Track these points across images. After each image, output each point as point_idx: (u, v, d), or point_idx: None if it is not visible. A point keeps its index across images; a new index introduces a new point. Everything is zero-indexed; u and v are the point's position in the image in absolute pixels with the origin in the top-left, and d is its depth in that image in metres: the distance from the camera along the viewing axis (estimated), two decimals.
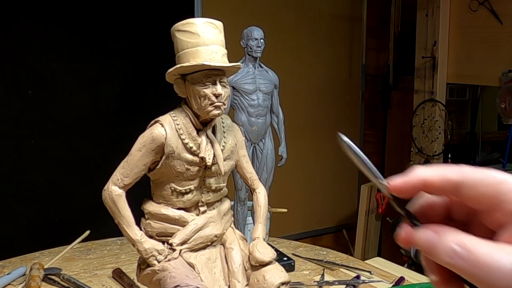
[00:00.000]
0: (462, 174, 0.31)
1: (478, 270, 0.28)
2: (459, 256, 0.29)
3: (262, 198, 0.87)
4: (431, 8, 2.14)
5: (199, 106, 0.76)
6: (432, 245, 0.30)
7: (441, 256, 0.29)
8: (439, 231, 0.30)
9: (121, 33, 1.84)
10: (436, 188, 0.31)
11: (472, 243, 0.29)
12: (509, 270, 0.27)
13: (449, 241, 0.29)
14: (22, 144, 1.70)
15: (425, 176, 0.31)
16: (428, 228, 0.31)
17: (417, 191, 0.32)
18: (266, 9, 2.31)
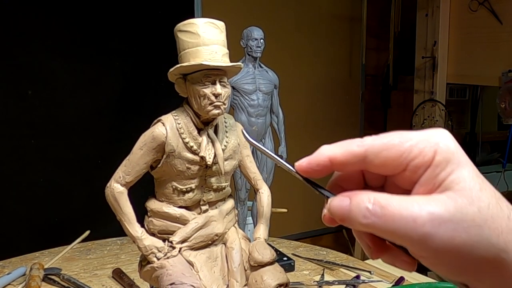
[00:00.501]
0: (364, 144, 0.31)
1: (394, 225, 0.28)
2: (374, 214, 0.29)
3: (265, 198, 0.87)
4: (431, 8, 2.14)
5: (199, 105, 0.76)
6: (346, 210, 0.30)
7: (356, 218, 0.29)
8: (351, 195, 0.30)
9: (121, 33, 1.84)
10: (343, 164, 0.32)
11: (385, 199, 0.29)
12: (425, 219, 0.27)
13: (362, 201, 0.29)
14: (22, 144, 1.70)
15: (330, 154, 0.32)
16: (340, 195, 0.31)
17: (326, 169, 0.32)
18: (266, 9, 2.31)
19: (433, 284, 1.01)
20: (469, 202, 0.28)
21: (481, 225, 0.27)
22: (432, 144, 0.30)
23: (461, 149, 0.30)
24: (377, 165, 0.31)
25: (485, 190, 0.29)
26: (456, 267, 0.28)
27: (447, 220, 0.27)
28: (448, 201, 0.28)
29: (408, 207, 0.28)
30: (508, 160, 2.17)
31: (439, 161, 0.29)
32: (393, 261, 0.32)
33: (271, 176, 1.29)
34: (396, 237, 0.29)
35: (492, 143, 2.60)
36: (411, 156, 0.30)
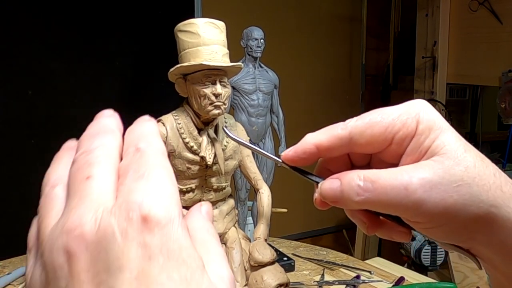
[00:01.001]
0: (348, 126, 0.32)
1: (387, 196, 0.29)
2: (366, 189, 0.29)
3: (265, 198, 0.87)
4: (431, 8, 2.14)
5: (199, 105, 0.76)
6: (338, 192, 0.31)
7: (350, 197, 0.30)
8: (340, 177, 0.31)
9: (121, 33, 1.84)
10: (329, 149, 0.32)
11: (375, 174, 0.30)
12: (416, 185, 0.28)
13: (352, 180, 0.30)
14: (22, 144, 1.70)
15: (315, 141, 0.32)
16: (330, 178, 0.32)
17: (312, 157, 0.33)
18: (266, 9, 2.31)
19: (433, 284, 1.01)
20: (456, 163, 0.29)
21: (469, 183, 0.28)
22: (413, 115, 0.30)
23: (441, 116, 0.31)
24: (363, 144, 0.31)
25: (469, 151, 0.30)
26: (450, 229, 0.29)
27: (437, 183, 0.28)
28: (435, 165, 0.29)
29: (398, 177, 0.29)
30: (508, 160, 2.17)
31: (422, 129, 0.30)
32: (389, 234, 0.33)
33: (271, 176, 1.29)
34: (391, 208, 0.29)
35: (492, 143, 2.60)
36: (395, 129, 0.30)
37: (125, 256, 0.20)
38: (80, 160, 0.24)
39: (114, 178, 0.23)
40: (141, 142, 0.25)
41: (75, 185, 0.23)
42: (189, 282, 0.21)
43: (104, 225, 0.21)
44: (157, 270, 0.20)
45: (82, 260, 0.20)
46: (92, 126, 0.27)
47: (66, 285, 0.20)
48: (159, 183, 0.22)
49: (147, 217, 0.21)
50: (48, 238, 0.22)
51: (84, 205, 0.22)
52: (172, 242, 0.21)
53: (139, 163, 0.23)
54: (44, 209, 0.25)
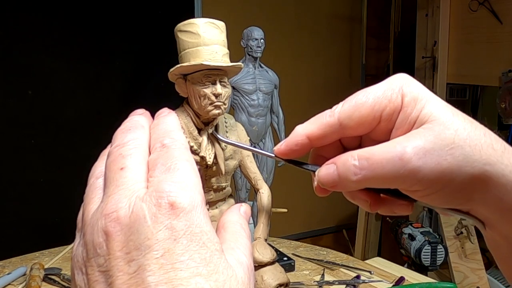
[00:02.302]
0: (335, 112, 0.33)
1: (383, 170, 0.29)
2: (362, 168, 0.30)
3: (265, 198, 0.87)
4: (431, 8, 2.14)
5: (199, 105, 0.76)
6: (335, 176, 0.31)
7: (347, 179, 0.30)
8: (335, 161, 0.31)
9: (121, 32, 1.84)
10: (320, 137, 0.33)
11: (368, 151, 0.30)
12: (410, 154, 0.29)
13: (347, 161, 0.30)
14: (22, 144, 1.70)
15: (306, 132, 0.33)
16: (325, 164, 0.32)
17: (305, 148, 0.33)
18: (266, 9, 2.31)
19: (433, 284, 1.01)
20: (445, 127, 0.29)
21: (461, 145, 0.29)
22: (397, 89, 0.31)
23: (424, 87, 0.32)
24: (353, 127, 0.32)
25: (457, 115, 0.30)
26: (448, 192, 0.29)
27: (430, 148, 0.29)
28: (426, 132, 0.29)
29: (391, 149, 0.29)
30: None
31: (408, 102, 0.30)
32: (391, 209, 0.34)
33: (271, 176, 1.29)
34: (389, 181, 0.30)
35: None
36: (381, 106, 0.31)
37: (153, 237, 0.23)
38: (115, 152, 0.27)
39: (145, 168, 0.26)
40: (166, 138, 0.28)
41: (111, 174, 0.26)
42: (208, 263, 0.23)
43: (137, 210, 0.24)
44: (180, 250, 0.23)
45: (117, 240, 0.23)
46: (125, 123, 0.31)
47: (105, 261, 0.23)
48: (184, 174, 0.25)
49: (174, 204, 0.24)
50: (90, 221, 0.25)
51: (119, 193, 0.25)
52: (195, 227, 0.24)
53: (165, 157, 0.26)
54: (88, 197, 0.28)
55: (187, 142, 0.28)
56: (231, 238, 0.28)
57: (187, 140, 0.78)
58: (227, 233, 0.28)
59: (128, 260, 0.23)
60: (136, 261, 0.23)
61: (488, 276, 1.84)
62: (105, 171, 0.27)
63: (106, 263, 0.23)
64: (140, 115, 0.32)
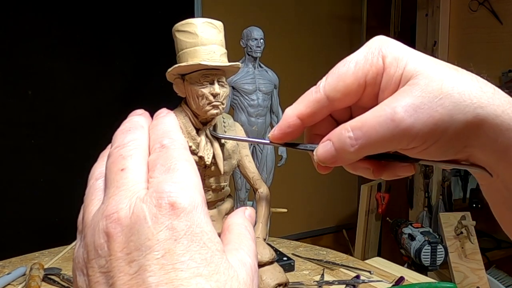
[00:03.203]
0: (320, 87, 0.32)
1: (378, 135, 0.29)
2: (357, 137, 0.30)
3: (264, 198, 0.87)
4: (431, 8, 2.14)
5: (197, 105, 0.76)
6: (333, 151, 0.31)
7: (345, 151, 0.30)
8: (329, 137, 0.31)
9: (121, 32, 1.84)
10: (311, 115, 0.33)
11: (359, 120, 0.30)
12: (400, 114, 0.29)
13: (341, 135, 0.31)
14: (22, 144, 1.70)
15: (295, 112, 0.33)
16: (321, 142, 0.32)
17: (297, 129, 0.33)
18: (266, 9, 2.31)
19: (433, 284, 1.01)
20: (430, 79, 0.29)
21: (450, 93, 0.29)
22: (376, 52, 0.31)
23: (403, 45, 0.31)
24: (340, 98, 0.32)
25: (440, 64, 0.30)
26: (445, 143, 0.30)
27: (419, 103, 0.29)
28: (412, 89, 0.29)
29: (381, 112, 0.29)
30: None
31: (390, 62, 0.30)
32: (394, 172, 0.34)
33: (271, 176, 1.29)
34: (385, 144, 0.30)
35: None
36: (364, 72, 0.31)
37: (154, 238, 0.23)
38: (115, 153, 0.27)
39: (145, 169, 0.26)
40: (165, 139, 0.28)
41: (111, 176, 0.26)
42: (209, 263, 0.23)
43: (137, 211, 0.24)
44: (181, 251, 0.23)
45: (118, 241, 0.23)
46: (124, 123, 0.30)
47: (106, 262, 0.23)
48: (184, 174, 0.25)
49: (174, 204, 0.24)
50: (91, 223, 0.25)
51: (120, 194, 0.25)
52: (196, 227, 0.24)
53: (165, 157, 0.26)
54: (88, 198, 0.28)
55: (186, 142, 0.28)
56: (235, 239, 0.28)
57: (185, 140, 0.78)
58: (231, 234, 0.28)
59: (129, 260, 0.23)
60: (137, 262, 0.23)
61: (488, 276, 1.84)
62: (106, 172, 0.27)
63: (107, 264, 0.23)
64: (140, 116, 0.32)
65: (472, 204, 2.17)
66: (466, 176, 2.37)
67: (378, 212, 2.38)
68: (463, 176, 2.37)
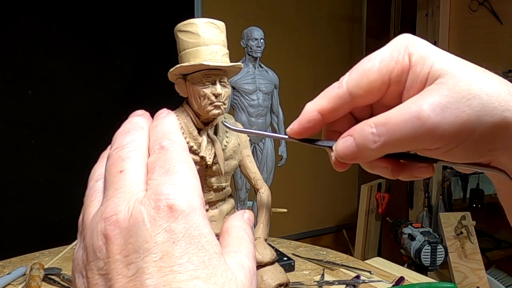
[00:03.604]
0: (343, 83, 0.32)
1: (402, 132, 0.29)
2: (380, 134, 0.29)
3: (265, 198, 0.87)
4: (431, 8, 2.14)
5: (199, 105, 0.76)
6: (354, 147, 0.30)
7: (367, 148, 0.30)
8: (351, 132, 0.31)
9: (121, 32, 1.84)
10: (332, 111, 0.32)
11: (383, 117, 0.29)
12: (427, 112, 0.28)
13: (363, 131, 0.30)
14: (22, 144, 1.70)
15: (317, 107, 0.32)
16: (341, 138, 0.31)
17: (318, 124, 0.32)
18: (266, 9, 2.31)
19: (433, 284, 1.01)
20: (459, 79, 0.28)
21: (478, 94, 0.28)
22: (403, 50, 0.30)
23: (430, 44, 0.31)
24: (363, 95, 0.31)
25: (468, 65, 0.30)
26: (470, 145, 0.29)
27: (446, 103, 0.28)
28: (440, 87, 0.28)
29: (407, 110, 0.29)
30: None
31: (416, 60, 0.30)
32: (412, 173, 0.33)
33: (271, 176, 1.29)
34: (409, 143, 0.29)
35: None
36: (389, 69, 0.30)
37: (152, 240, 0.23)
38: (114, 155, 0.27)
39: (144, 171, 0.26)
40: (164, 140, 0.28)
41: (110, 177, 0.26)
42: (206, 265, 0.23)
43: (136, 213, 0.24)
44: (179, 253, 0.23)
45: (116, 243, 0.23)
46: (124, 124, 0.30)
47: (104, 264, 0.23)
48: (183, 177, 0.25)
49: (172, 207, 0.24)
50: (90, 225, 0.25)
51: (118, 196, 0.25)
52: (194, 229, 0.24)
53: (164, 159, 0.26)
54: (87, 199, 0.28)
55: (186, 143, 0.28)
56: (234, 242, 0.28)
57: (186, 140, 0.78)
58: (230, 237, 0.28)
59: (127, 263, 0.23)
60: (135, 264, 0.23)
61: (488, 276, 1.84)
62: (105, 174, 0.27)
63: (106, 266, 0.23)
64: (140, 116, 0.32)
65: (472, 204, 2.17)
66: (466, 176, 2.37)
67: (378, 212, 2.38)
68: (463, 176, 2.37)
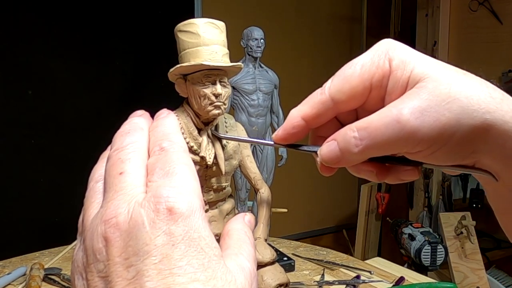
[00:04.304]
0: (325, 89, 0.32)
1: (383, 136, 0.29)
2: (362, 138, 0.29)
3: (265, 198, 0.87)
4: (431, 8, 2.14)
5: (199, 105, 0.76)
6: (337, 151, 0.31)
7: (350, 152, 0.30)
8: (334, 137, 0.31)
9: (121, 32, 1.84)
10: (316, 117, 0.32)
11: (365, 121, 0.30)
12: (407, 115, 0.28)
13: (346, 135, 0.30)
14: (22, 144, 1.70)
15: (300, 113, 0.32)
16: (325, 142, 0.32)
17: (302, 130, 0.33)
18: (266, 9, 2.31)
19: (433, 284, 1.01)
20: (439, 82, 0.29)
21: (458, 97, 0.28)
22: (383, 55, 0.30)
23: (410, 48, 0.31)
24: (345, 101, 0.31)
25: (449, 68, 0.30)
26: (452, 147, 0.29)
27: (426, 106, 0.28)
28: (420, 91, 0.29)
29: (388, 114, 0.29)
30: None
31: (396, 65, 0.30)
32: (398, 176, 0.33)
33: (271, 176, 1.29)
34: (391, 146, 0.29)
35: None
36: (370, 74, 0.30)
37: (152, 243, 0.23)
38: (114, 156, 0.27)
39: (144, 172, 0.26)
40: (164, 141, 0.28)
41: (110, 179, 0.26)
42: (206, 268, 0.23)
43: (135, 216, 0.24)
44: (179, 256, 0.23)
45: (116, 246, 0.23)
46: (124, 125, 0.30)
47: (104, 267, 0.24)
48: (183, 179, 0.25)
49: (172, 209, 0.24)
50: (90, 227, 0.25)
51: (118, 198, 0.25)
52: (193, 232, 0.24)
53: (164, 161, 0.26)
54: (88, 201, 0.28)
55: (186, 144, 0.28)
56: (235, 244, 0.28)
57: (187, 140, 0.78)
58: (231, 239, 0.28)
59: (127, 265, 0.23)
60: (135, 267, 0.23)
61: (488, 276, 1.84)
62: (105, 175, 0.27)
63: (106, 269, 0.23)
64: (140, 117, 0.32)
65: (472, 204, 2.17)
66: (466, 176, 2.37)
67: (378, 212, 2.38)
68: (463, 176, 2.37)
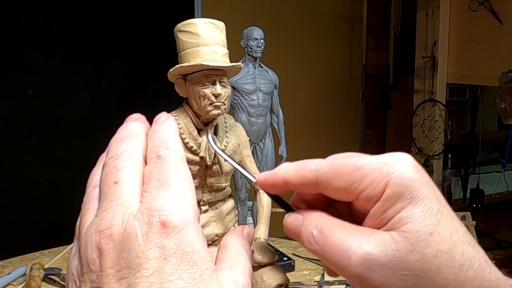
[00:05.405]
0: (318, 170, 0.30)
1: (332, 258, 0.28)
2: (316, 241, 0.29)
3: (265, 198, 0.87)
4: (431, 8, 2.14)
5: (199, 106, 0.76)
6: (298, 230, 0.30)
7: (303, 242, 0.30)
8: (305, 214, 0.30)
9: (121, 32, 1.84)
10: (297, 186, 0.31)
11: (330, 227, 0.28)
12: (359, 260, 0.27)
13: (309, 225, 0.29)
14: (22, 144, 1.70)
15: (284, 176, 0.32)
16: (296, 212, 0.31)
17: (281, 189, 0.32)
18: (266, 9, 2.31)
19: None
20: (412, 248, 0.26)
21: (420, 275, 0.26)
22: (384, 175, 0.28)
23: (423, 178, 0.28)
24: (329, 191, 0.30)
25: (438, 233, 0.26)
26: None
27: (383, 264, 0.26)
28: (388, 243, 0.26)
29: (348, 241, 0.27)
30: (508, 160, 2.17)
31: (389, 195, 0.27)
32: None
33: None
34: (336, 270, 0.28)
35: (492, 143, 2.60)
36: (361, 187, 0.28)
37: (144, 256, 0.23)
38: (109, 164, 0.27)
39: (139, 181, 0.26)
40: (162, 149, 0.28)
41: (105, 188, 0.26)
42: (198, 282, 0.23)
43: (129, 228, 0.24)
44: (170, 269, 0.23)
45: (110, 257, 0.23)
46: (119, 131, 0.30)
47: (97, 277, 0.23)
48: (178, 190, 0.25)
49: (165, 223, 0.24)
50: (84, 235, 0.25)
51: (113, 208, 0.25)
52: (186, 245, 0.24)
53: (159, 170, 0.26)
54: (85, 206, 0.28)
55: (183, 152, 0.28)
56: (231, 257, 0.28)
57: (186, 140, 0.78)
58: (227, 252, 0.28)
59: (119, 277, 0.23)
60: (127, 279, 0.23)
61: None
62: (100, 183, 0.27)
63: (98, 280, 0.23)
64: (135, 121, 0.31)
65: (472, 204, 2.17)
66: (466, 176, 2.37)
67: None
68: (463, 176, 2.37)
